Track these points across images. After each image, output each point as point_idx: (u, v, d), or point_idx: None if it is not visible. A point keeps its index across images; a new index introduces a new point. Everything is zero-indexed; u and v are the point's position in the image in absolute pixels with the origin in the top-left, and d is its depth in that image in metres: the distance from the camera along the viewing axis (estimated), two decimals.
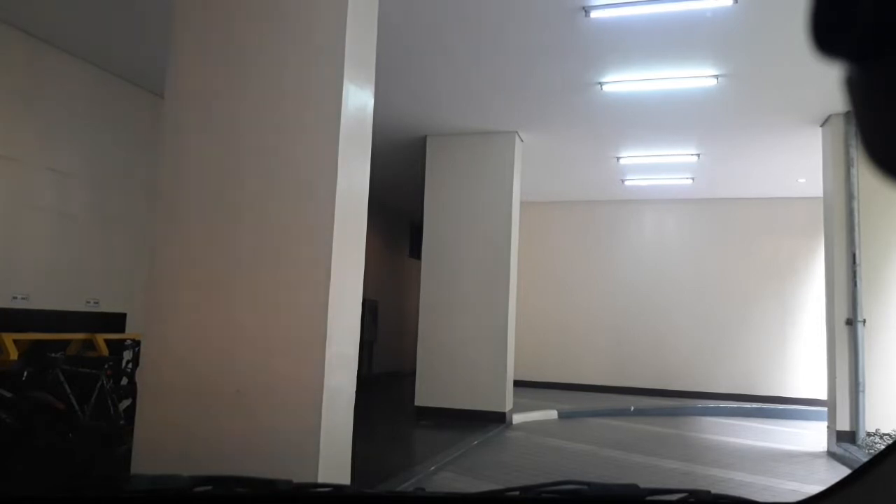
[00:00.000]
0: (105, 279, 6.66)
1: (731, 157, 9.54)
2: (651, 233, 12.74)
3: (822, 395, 8.18)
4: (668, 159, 9.77)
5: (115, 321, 6.67)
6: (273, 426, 3.32)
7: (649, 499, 1.09)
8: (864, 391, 6.89)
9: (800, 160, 9.16)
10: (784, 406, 10.89)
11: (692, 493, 1.10)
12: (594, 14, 5.28)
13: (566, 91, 7.07)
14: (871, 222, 7.09)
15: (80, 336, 5.84)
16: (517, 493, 1.13)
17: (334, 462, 3.41)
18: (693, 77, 6.57)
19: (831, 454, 7.17)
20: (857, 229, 7.06)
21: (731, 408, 10.80)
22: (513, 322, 8.61)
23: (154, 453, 3.44)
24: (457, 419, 8.05)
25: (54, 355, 5.13)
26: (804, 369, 11.32)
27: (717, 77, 6.49)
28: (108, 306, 6.66)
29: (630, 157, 9.75)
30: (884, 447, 0.97)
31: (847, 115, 7.17)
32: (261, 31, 3.67)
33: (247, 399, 3.37)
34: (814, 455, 7.30)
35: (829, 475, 6.19)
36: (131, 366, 5.81)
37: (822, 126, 7.71)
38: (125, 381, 5.78)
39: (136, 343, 5.55)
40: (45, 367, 5.08)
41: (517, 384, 9.14)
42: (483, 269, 8.49)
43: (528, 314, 11.73)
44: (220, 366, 3.45)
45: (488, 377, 8.32)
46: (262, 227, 3.53)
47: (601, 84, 6.79)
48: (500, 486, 1.24)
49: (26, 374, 4.99)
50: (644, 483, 1.12)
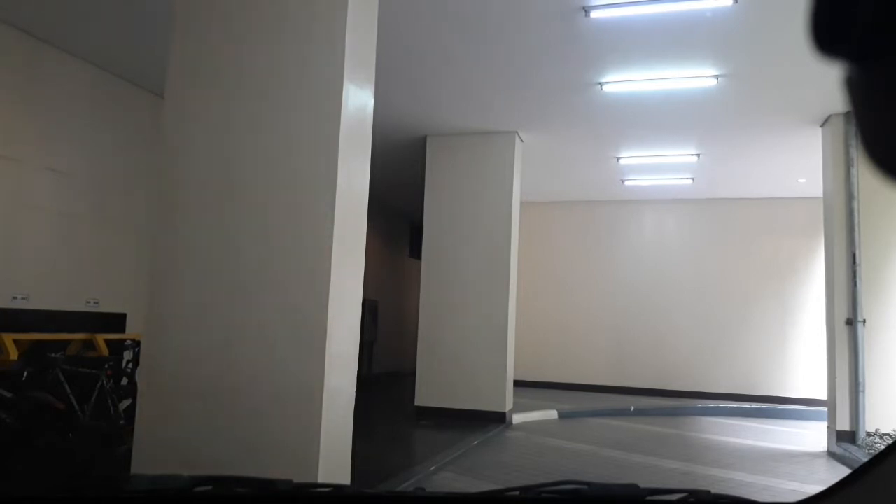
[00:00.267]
0: (105, 279, 6.66)
1: (731, 157, 9.54)
2: (651, 233, 12.74)
3: (822, 395, 8.18)
4: (668, 159, 9.77)
5: (115, 321, 6.67)
6: (273, 426, 3.32)
7: (649, 499, 1.09)
8: (864, 391, 6.89)
9: (800, 160, 9.16)
10: (784, 406, 10.89)
11: (692, 493, 1.10)
12: (594, 14, 5.28)
13: (566, 91, 7.07)
14: (871, 222, 7.09)
15: (80, 336, 5.84)
16: (517, 493, 1.13)
17: (334, 462, 3.41)
18: (693, 77, 6.57)
19: (831, 454, 7.17)
20: (857, 229, 7.06)
21: (731, 408, 10.80)
22: (513, 322, 8.61)
23: (154, 453, 3.45)
24: (457, 419, 8.04)
25: (54, 355, 5.13)
26: (804, 369, 11.32)
27: (717, 77, 6.49)
28: (108, 306, 6.66)
29: (630, 157, 9.75)
30: (884, 447, 0.97)
31: (847, 115, 7.17)
32: (261, 32, 3.68)
33: (247, 399, 3.38)
34: (814, 455, 7.30)
35: (829, 475, 6.19)
36: (131, 366, 5.82)
37: (822, 126, 7.71)
38: (125, 381, 5.78)
39: (136, 343, 5.55)
40: (45, 367, 5.08)
41: (517, 384, 9.14)
42: (483, 269, 8.49)
43: (528, 314, 11.73)
44: (220, 366, 3.45)
45: (488, 377, 8.32)
46: (262, 226, 3.53)
47: (601, 84, 6.79)
48: (500, 486, 1.24)
49: (26, 374, 5.00)
50: (644, 483, 1.12)
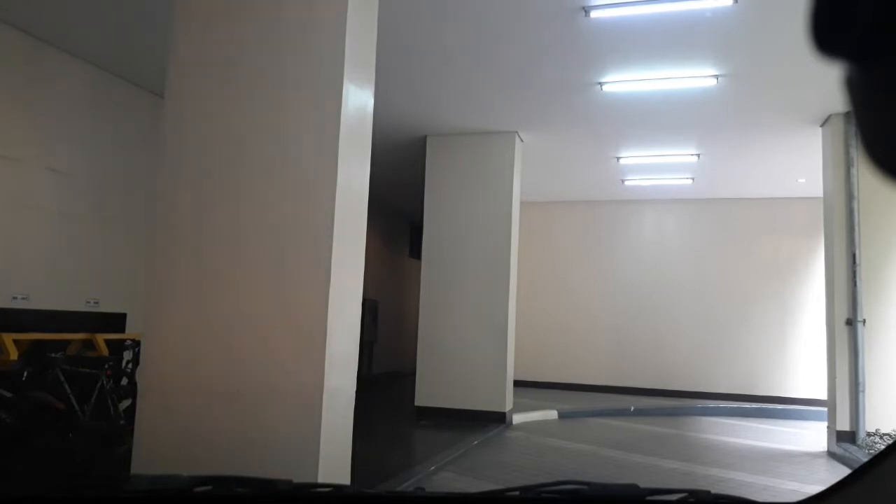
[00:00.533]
0: (105, 279, 6.66)
1: (731, 157, 9.54)
2: (651, 233, 12.74)
3: (822, 395, 8.18)
4: (668, 159, 9.77)
5: (115, 321, 6.67)
6: (273, 426, 3.32)
7: (649, 499, 1.09)
8: (864, 391, 6.89)
9: (800, 160, 9.16)
10: (784, 406, 10.89)
11: (692, 493, 1.10)
12: (594, 14, 5.28)
13: (566, 91, 7.07)
14: (871, 222, 7.09)
15: (80, 336, 5.84)
16: (517, 493, 1.13)
17: (334, 462, 3.41)
18: (693, 77, 6.57)
19: (831, 454, 7.17)
20: (857, 229, 7.06)
21: (731, 408, 10.80)
22: (513, 322, 8.61)
23: (154, 453, 3.44)
24: (457, 419, 8.04)
25: (54, 355, 5.13)
26: (804, 369, 11.32)
27: (717, 77, 6.49)
28: (108, 306, 6.66)
29: (630, 157, 9.75)
30: (884, 447, 0.97)
31: (847, 115, 7.17)
32: (261, 32, 3.67)
33: (247, 399, 3.37)
34: (814, 455, 7.30)
35: (829, 475, 6.19)
36: (131, 366, 5.82)
37: (822, 126, 7.71)
38: (125, 381, 5.78)
39: (136, 343, 5.55)
40: (45, 367, 5.08)
41: (517, 384, 9.14)
42: (483, 269, 8.49)
43: (528, 314, 11.72)
44: (220, 366, 3.45)
45: (488, 377, 8.32)
46: (262, 227, 3.53)
47: (601, 84, 6.79)
48: (500, 486, 1.24)
49: (26, 374, 4.99)
50: (644, 483, 1.12)
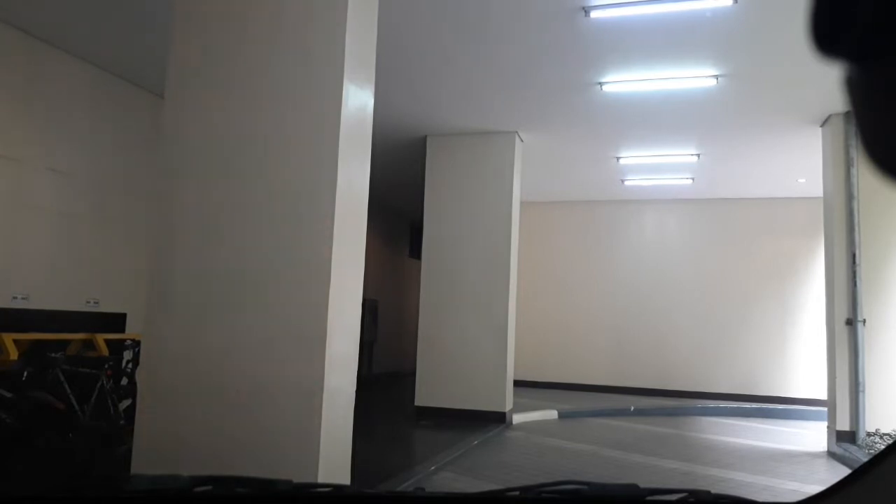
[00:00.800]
0: (105, 279, 6.66)
1: (731, 157, 9.54)
2: (651, 233, 12.74)
3: (822, 395, 8.18)
4: (668, 159, 9.77)
5: (115, 321, 6.67)
6: (273, 426, 3.32)
7: (649, 499, 1.09)
8: (864, 391, 6.89)
9: (800, 160, 9.16)
10: (784, 406, 10.89)
11: (692, 493, 1.10)
12: (594, 14, 5.28)
13: (566, 91, 7.07)
14: (871, 222, 7.09)
15: (80, 336, 5.84)
16: (517, 493, 1.13)
17: (334, 462, 3.41)
18: (693, 77, 6.57)
19: (831, 454, 7.17)
20: (857, 229, 7.06)
21: (731, 408, 10.80)
22: (513, 322, 8.61)
23: (154, 453, 3.45)
24: (457, 419, 8.04)
25: (54, 355, 5.13)
26: (804, 369, 11.32)
27: (717, 77, 6.49)
28: (108, 306, 6.66)
29: (630, 157, 9.75)
30: (884, 447, 0.97)
31: (847, 115, 7.17)
32: (261, 32, 3.68)
33: (247, 399, 3.37)
34: (814, 455, 7.30)
35: (829, 475, 6.19)
36: (131, 366, 5.82)
37: (822, 126, 7.71)
38: (125, 381, 5.78)
39: (136, 343, 5.55)
40: (45, 367, 5.08)
41: (517, 384, 9.14)
42: (483, 269, 8.49)
43: (528, 314, 11.72)
44: (220, 366, 3.45)
45: (488, 377, 8.32)
46: (262, 226, 3.53)
47: (601, 84, 6.79)
48: (500, 486, 1.24)
49: (26, 374, 4.99)
50: (644, 483, 1.12)
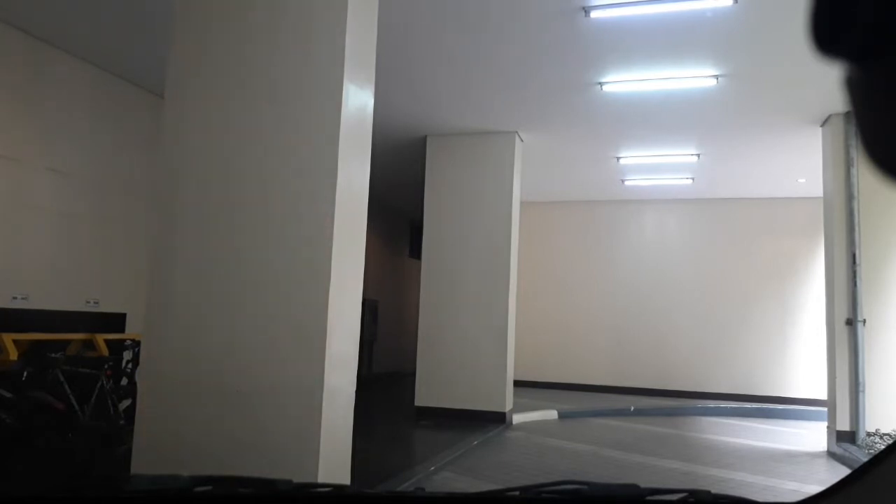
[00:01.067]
0: (105, 279, 6.66)
1: (731, 157, 9.54)
2: (651, 233, 12.74)
3: (822, 395, 8.18)
4: (668, 159, 9.77)
5: (115, 321, 6.67)
6: (273, 426, 3.32)
7: (649, 499, 1.09)
8: (864, 391, 6.89)
9: (800, 160, 9.16)
10: (784, 406, 10.89)
11: (692, 493, 1.10)
12: (594, 14, 5.28)
13: (566, 91, 7.07)
14: (871, 222, 7.09)
15: (80, 336, 5.84)
16: (517, 493, 1.13)
17: (334, 462, 3.41)
18: (693, 77, 6.57)
19: (831, 454, 7.17)
20: (857, 229, 7.06)
21: (731, 408, 10.80)
22: (513, 322, 8.61)
23: (154, 453, 3.45)
24: (457, 419, 8.04)
25: (54, 355, 5.13)
26: (804, 369, 11.32)
27: (717, 77, 6.49)
28: (108, 306, 6.66)
29: (630, 157, 9.75)
30: (884, 447, 0.97)
31: (847, 115, 7.17)
32: (261, 32, 3.68)
33: (247, 399, 3.38)
34: (814, 455, 7.30)
35: (829, 475, 6.19)
36: (131, 366, 5.82)
37: (822, 126, 7.71)
38: (125, 381, 5.78)
39: (136, 343, 5.55)
40: (45, 367, 5.08)
41: (517, 384, 9.14)
42: (483, 269, 8.48)
43: (528, 314, 11.72)
44: (220, 366, 3.46)
45: (488, 377, 8.32)
46: (262, 227, 3.53)
47: (601, 84, 6.79)
48: (500, 486, 1.24)
49: (26, 374, 5.00)
50: (644, 483, 1.12)
